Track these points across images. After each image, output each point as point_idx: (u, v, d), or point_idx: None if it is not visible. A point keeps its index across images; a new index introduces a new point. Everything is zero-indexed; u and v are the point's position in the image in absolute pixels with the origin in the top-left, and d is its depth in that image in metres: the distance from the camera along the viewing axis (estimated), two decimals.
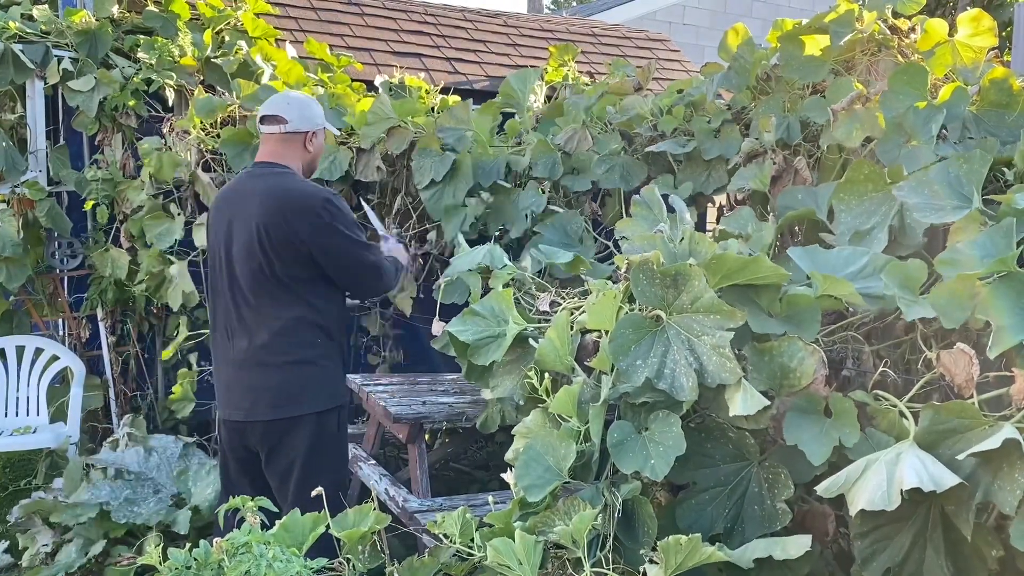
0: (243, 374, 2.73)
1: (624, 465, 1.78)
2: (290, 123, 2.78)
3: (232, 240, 2.74)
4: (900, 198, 2.08)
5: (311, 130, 2.82)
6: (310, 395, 2.71)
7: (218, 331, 2.82)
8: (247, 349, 2.71)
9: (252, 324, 2.71)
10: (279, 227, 2.65)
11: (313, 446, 2.72)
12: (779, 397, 1.79)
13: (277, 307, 2.69)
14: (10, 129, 4.26)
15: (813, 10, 6.30)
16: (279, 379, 2.69)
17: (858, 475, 1.55)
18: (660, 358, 1.82)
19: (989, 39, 2.79)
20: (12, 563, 3.28)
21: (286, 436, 2.71)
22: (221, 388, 2.83)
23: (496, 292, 2.41)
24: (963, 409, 1.57)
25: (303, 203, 2.67)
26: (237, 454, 2.85)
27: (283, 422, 2.70)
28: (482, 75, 5.68)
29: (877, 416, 1.73)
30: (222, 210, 2.83)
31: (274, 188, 2.71)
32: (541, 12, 14.85)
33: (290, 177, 2.76)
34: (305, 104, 2.86)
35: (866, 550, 1.66)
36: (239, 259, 2.71)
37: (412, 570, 2.00)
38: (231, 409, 2.77)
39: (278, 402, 2.69)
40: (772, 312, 1.87)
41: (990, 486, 1.49)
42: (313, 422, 2.72)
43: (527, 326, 2.30)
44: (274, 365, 2.69)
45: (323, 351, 2.75)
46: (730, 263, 1.82)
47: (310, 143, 2.83)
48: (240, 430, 2.78)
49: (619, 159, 3.42)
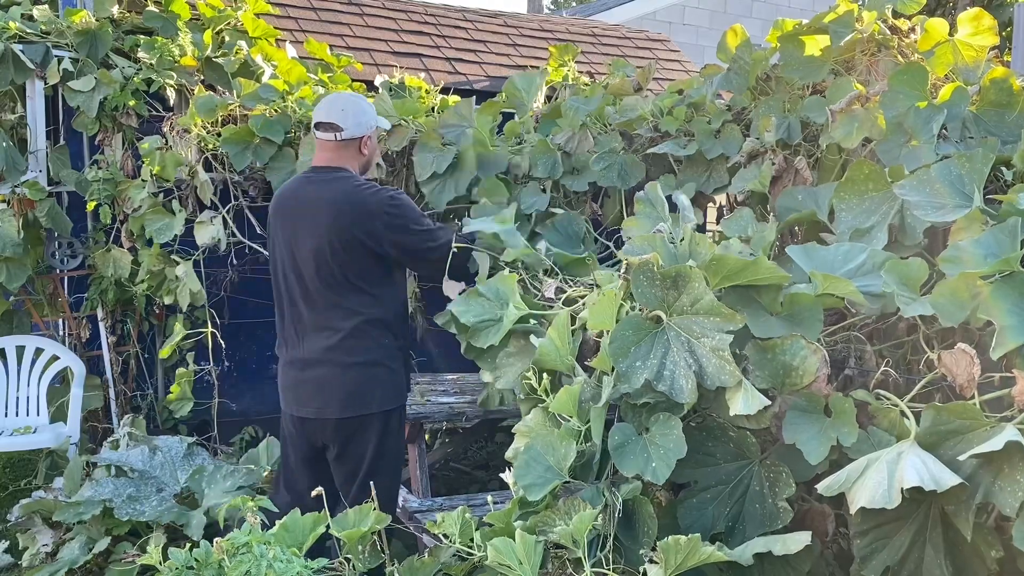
0: (314, 373, 2.79)
1: (625, 468, 1.79)
2: (346, 130, 2.82)
3: (299, 246, 2.79)
4: (901, 196, 2.08)
5: (366, 135, 2.86)
6: (379, 394, 2.77)
7: (287, 332, 2.90)
8: (319, 350, 2.77)
9: (323, 326, 2.77)
10: (349, 231, 2.70)
11: (380, 444, 2.79)
12: (781, 395, 1.79)
13: (347, 310, 2.75)
14: (10, 129, 4.25)
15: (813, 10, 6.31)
16: (352, 379, 2.75)
17: (859, 474, 1.56)
18: (660, 360, 1.82)
19: (990, 38, 2.79)
20: (12, 563, 3.28)
21: (356, 434, 2.78)
22: (288, 386, 2.89)
23: (502, 275, 2.42)
24: (965, 410, 1.57)
25: (371, 204, 2.72)
26: (300, 450, 2.92)
27: (354, 421, 2.76)
28: (482, 75, 5.67)
29: (878, 415, 1.73)
30: (285, 216, 2.87)
31: (340, 192, 2.76)
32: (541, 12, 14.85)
33: (352, 180, 2.80)
34: (359, 110, 2.88)
35: (865, 548, 1.66)
36: (308, 264, 2.77)
37: (412, 570, 2.00)
38: (300, 406, 2.84)
39: (350, 401, 2.75)
40: (774, 312, 1.87)
41: (991, 487, 1.49)
42: (381, 421, 2.78)
43: (528, 313, 2.31)
44: (346, 365, 2.75)
45: (391, 351, 2.81)
46: (730, 264, 1.82)
47: (365, 146, 2.87)
48: (308, 427, 2.84)
49: (617, 157, 3.42)
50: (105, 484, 3.28)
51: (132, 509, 3.17)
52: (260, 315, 4.75)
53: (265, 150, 3.81)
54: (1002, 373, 1.63)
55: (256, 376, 4.92)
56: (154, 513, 3.16)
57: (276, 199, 3.00)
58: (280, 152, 3.83)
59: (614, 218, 3.51)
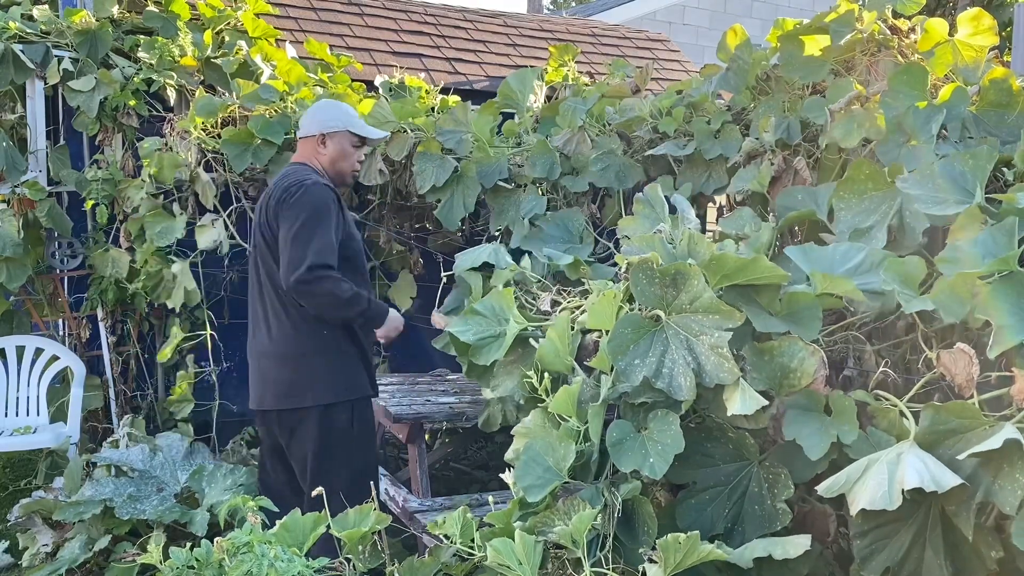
0: (258, 365, 2.85)
1: (623, 464, 1.79)
2: (302, 128, 2.96)
3: (253, 238, 2.91)
4: (903, 189, 2.08)
5: (318, 133, 2.91)
6: (316, 388, 2.75)
7: (249, 323, 2.94)
8: (262, 341, 2.82)
9: (267, 317, 2.82)
10: (271, 215, 2.77)
11: (323, 439, 2.76)
12: (779, 397, 1.79)
13: (283, 300, 2.76)
14: (10, 129, 4.26)
15: (813, 10, 6.31)
16: (286, 371, 2.77)
17: (859, 475, 1.56)
18: (658, 358, 1.82)
19: (989, 38, 2.79)
20: (12, 563, 3.28)
21: (297, 428, 2.78)
22: (249, 378, 2.93)
23: (496, 291, 2.41)
24: (964, 409, 1.57)
25: (287, 187, 2.76)
26: (264, 441, 3.00)
27: (291, 414, 2.77)
28: (482, 75, 5.68)
29: (877, 415, 1.73)
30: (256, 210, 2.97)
31: (277, 179, 2.87)
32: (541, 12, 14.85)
33: (298, 170, 2.86)
34: (319, 109, 3.01)
35: (865, 549, 1.66)
36: (259, 253, 2.85)
37: (412, 570, 2.00)
38: (252, 397, 2.89)
39: (285, 393, 2.77)
40: (773, 311, 1.87)
41: (991, 486, 1.49)
42: (320, 414, 2.75)
43: (528, 325, 2.30)
44: (281, 356, 2.77)
45: (330, 343, 2.77)
46: (729, 263, 1.82)
47: (322, 146, 2.92)
48: (259, 418, 2.92)
49: (615, 159, 3.42)
50: (105, 484, 3.28)
51: (133, 508, 3.17)
52: None
53: (265, 151, 3.81)
54: (999, 372, 1.63)
55: None
56: (155, 512, 3.16)
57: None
58: (280, 154, 3.83)
59: (613, 218, 3.51)
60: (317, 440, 2.75)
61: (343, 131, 2.93)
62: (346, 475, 2.75)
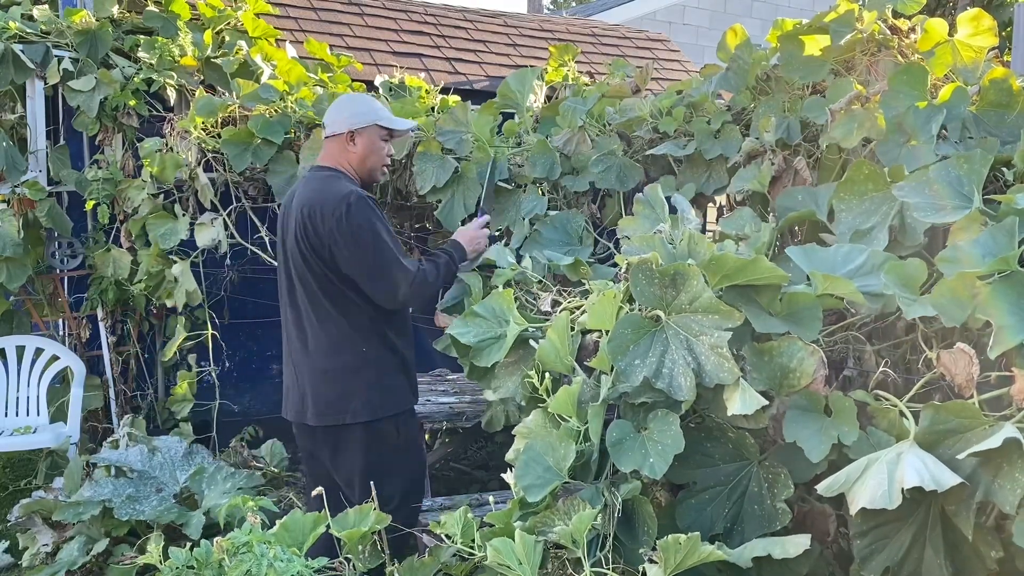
0: (299, 379, 2.76)
1: (623, 464, 1.78)
2: (328, 126, 2.81)
3: (286, 246, 2.78)
4: (901, 198, 2.08)
5: (347, 131, 2.78)
6: (357, 405, 2.67)
7: (283, 332, 2.87)
8: (301, 355, 2.74)
9: (303, 328, 2.74)
10: (311, 232, 2.64)
11: (368, 456, 2.70)
12: (779, 397, 1.79)
13: (322, 314, 2.69)
14: (10, 129, 4.26)
15: (813, 10, 6.31)
16: (327, 387, 2.69)
17: (858, 474, 1.56)
18: (658, 358, 1.82)
19: (989, 38, 2.79)
20: (12, 563, 3.28)
21: (340, 444, 2.72)
22: (285, 389, 2.87)
23: (497, 293, 2.41)
24: (963, 409, 1.57)
25: (328, 205, 2.62)
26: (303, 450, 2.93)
27: (332, 431, 2.70)
28: (482, 75, 5.68)
29: (877, 415, 1.73)
30: (282, 214, 2.87)
31: (311, 192, 2.71)
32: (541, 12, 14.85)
33: (329, 180, 2.72)
34: (345, 105, 2.85)
35: (865, 549, 1.66)
36: (293, 264, 2.74)
37: (412, 570, 2.00)
38: (289, 410, 2.82)
39: (325, 410, 2.69)
40: (773, 311, 1.87)
41: (990, 485, 1.49)
42: (364, 431, 2.69)
43: (528, 326, 2.30)
44: (322, 371, 2.69)
45: (371, 358, 2.70)
46: (729, 264, 1.82)
47: (351, 144, 2.79)
48: (297, 431, 2.84)
49: (616, 159, 3.42)
50: (104, 484, 3.28)
51: (132, 509, 3.17)
52: (260, 315, 4.76)
53: (265, 151, 3.80)
54: (999, 372, 1.63)
55: (256, 376, 4.93)
56: (154, 513, 3.16)
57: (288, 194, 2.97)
58: (280, 154, 3.83)
59: (613, 218, 3.51)
60: (364, 457, 2.70)
61: (371, 125, 2.80)
62: (398, 484, 2.72)
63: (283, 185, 3.80)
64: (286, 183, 3.78)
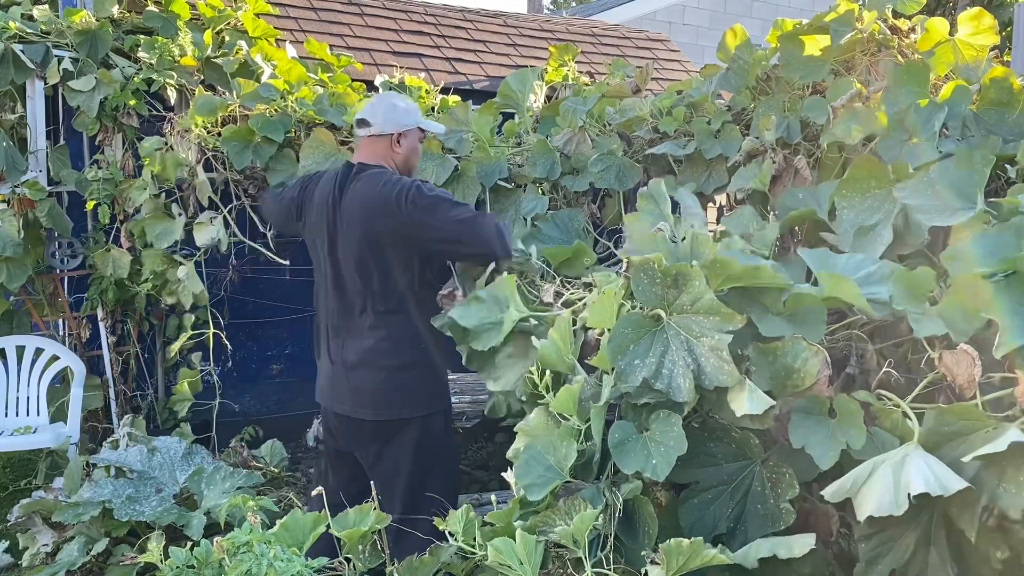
0: (350, 374, 2.76)
1: (626, 465, 1.78)
2: (374, 126, 2.83)
3: (335, 243, 2.78)
4: (902, 200, 2.07)
5: (396, 132, 2.83)
6: (415, 398, 2.72)
7: (321, 327, 2.87)
8: (355, 350, 2.75)
9: (361, 326, 2.74)
10: (377, 229, 2.68)
11: (420, 450, 2.73)
12: (782, 398, 1.78)
13: (382, 311, 2.72)
14: (10, 129, 4.25)
15: (813, 10, 6.31)
16: (386, 382, 2.71)
17: (864, 478, 1.55)
18: (658, 358, 1.82)
19: (990, 37, 2.79)
20: (12, 563, 3.27)
21: (394, 438, 2.74)
22: (326, 383, 2.87)
23: (500, 279, 2.41)
24: (967, 411, 1.56)
25: (393, 197, 2.66)
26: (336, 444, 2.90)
27: (388, 424, 2.72)
28: (482, 75, 5.67)
29: (880, 416, 1.72)
30: (320, 210, 2.84)
31: (369, 190, 2.73)
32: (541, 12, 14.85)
33: (381, 176, 2.75)
34: (392, 106, 2.88)
35: (871, 552, 1.66)
36: (344, 263, 2.75)
37: (412, 569, 1.99)
38: (336, 403, 2.81)
39: (384, 404, 2.72)
40: (776, 313, 1.86)
41: (996, 489, 1.48)
42: (418, 426, 2.73)
43: (528, 315, 2.30)
44: (379, 367, 2.71)
45: (428, 354, 2.75)
46: (733, 268, 1.81)
47: (397, 145, 2.84)
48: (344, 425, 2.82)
49: (615, 159, 3.42)
50: (104, 485, 3.27)
51: (131, 510, 3.16)
52: (260, 315, 4.76)
53: (265, 149, 3.80)
54: (1003, 373, 1.63)
55: (257, 376, 4.93)
56: (153, 514, 3.15)
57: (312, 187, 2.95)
58: (280, 152, 3.83)
59: (613, 218, 3.51)
60: (415, 450, 2.73)
61: (415, 128, 2.88)
62: (441, 481, 2.76)
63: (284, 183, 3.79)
64: (286, 181, 3.77)
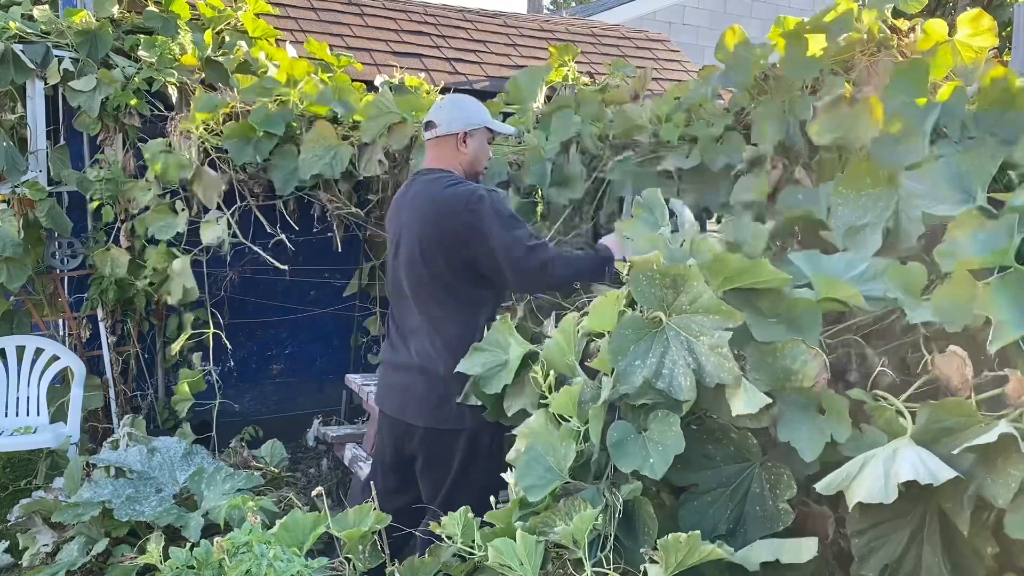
0: (406, 379, 2.75)
1: (623, 464, 1.79)
2: (439, 127, 2.79)
3: (400, 248, 2.77)
4: (907, 183, 2.07)
5: (461, 131, 2.78)
6: (467, 411, 2.64)
7: (391, 332, 2.87)
8: (412, 355, 2.74)
9: (417, 331, 2.73)
10: (435, 234, 2.64)
11: (465, 461, 2.70)
12: (781, 399, 1.79)
13: (437, 317, 2.69)
14: (10, 129, 4.26)
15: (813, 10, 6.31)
16: (436, 390, 2.67)
17: (856, 471, 1.56)
18: (659, 358, 1.82)
19: (989, 39, 2.79)
20: (12, 563, 3.28)
21: (441, 446, 2.71)
22: (384, 386, 2.87)
23: (495, 325, 2.43)
24: (960, 407, 1.57)
25: (452, 204, 2.62)
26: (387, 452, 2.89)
27: (438, 434, 2.69)
28: (482, 75, 5.68)
29: (875, 414, 1.73)
30: (392, 217, 2.86)
31: (430, 194, 2.70)
32: (541, 12, 14.85)
33: (443, 180, 2.71)
34: (455, 106, 2.84)
35: (864, 547, 1.67)
36: (407, 268, 2.74)
37: (412, 570, 2.00)
38: (391, 406, 2.81)
39: (434, 412, 2.69)
40: (773, 315, 1.87)
41: (984, 481, 1.49)
42: (469, 438, 2.69)
43: (531, 349, 2.30)
44: (431, 374, 2.68)
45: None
46: (731, 266, 1.82)
47: (462, 144, 2.79)
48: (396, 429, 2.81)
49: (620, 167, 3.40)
50: (104, 485, 3.28)
51: (131, 510, 3.17)
52: (260, 315, 4.76)
53: (265, 144, 3.81)
54: (996, 372, 1.63)
55: (257, 376, 4.93)
56: (153, 514, 3.16)
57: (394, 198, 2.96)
58: (280, 147, 3.83)
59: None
60: (461, 461, 2.69)
61: (482, 128, 2.82)
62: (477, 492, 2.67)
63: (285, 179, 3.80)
64: (288, 177, 3.78)
